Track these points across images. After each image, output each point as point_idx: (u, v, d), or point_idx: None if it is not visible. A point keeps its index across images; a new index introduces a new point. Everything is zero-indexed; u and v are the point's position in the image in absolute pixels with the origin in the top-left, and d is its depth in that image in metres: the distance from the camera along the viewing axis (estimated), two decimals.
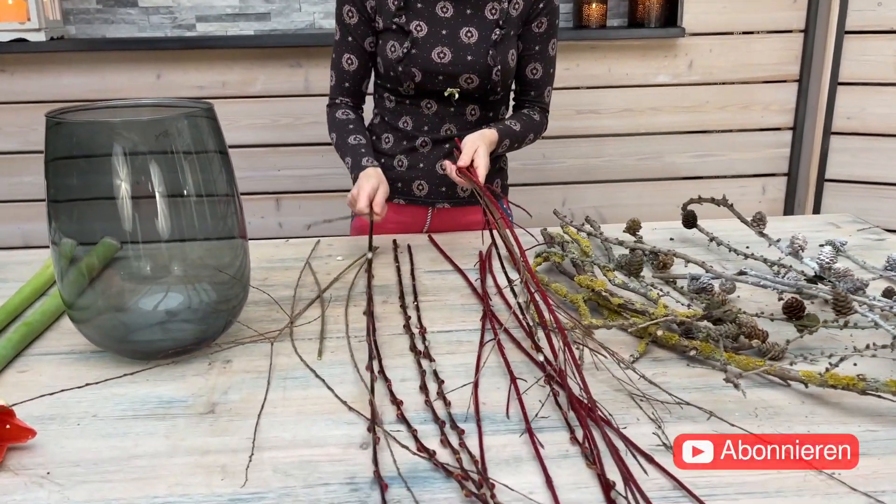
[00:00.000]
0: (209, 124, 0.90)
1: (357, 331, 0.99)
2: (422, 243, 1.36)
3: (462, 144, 1.22)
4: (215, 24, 2.21)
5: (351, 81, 1.40)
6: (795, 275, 1.00)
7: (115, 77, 2.14)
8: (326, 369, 0.88)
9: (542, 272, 1.18)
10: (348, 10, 1.34)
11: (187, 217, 0.87)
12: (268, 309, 1.06)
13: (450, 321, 1.01)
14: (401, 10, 1.31)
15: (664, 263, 1.16)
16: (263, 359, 0.91)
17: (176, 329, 0.92)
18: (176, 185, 0.85)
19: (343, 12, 1.34)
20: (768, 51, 2.35)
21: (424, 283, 1.16)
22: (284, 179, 2.31)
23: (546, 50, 1.38)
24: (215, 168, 0.91)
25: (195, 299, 0.92)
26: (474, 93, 1.34)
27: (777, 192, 2.49)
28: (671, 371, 0.86)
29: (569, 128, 2.36)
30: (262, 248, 1.34)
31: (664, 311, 0.90)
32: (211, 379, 0.86)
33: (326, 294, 1.12)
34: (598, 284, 1.00)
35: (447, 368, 0.88)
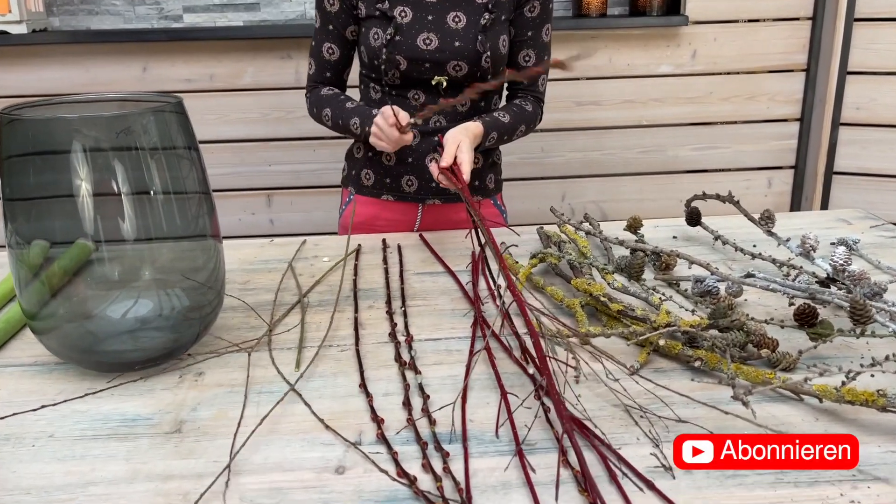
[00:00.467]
0: (178, 119, 0.83)
1: (340, 339, 0.93)
2: (412, 242, 1.30)
3: (444, 140, 1.15)
4: (203, 14, 2.14)
5: (332, 71, 1.34)
6: (807, 277, 0.94)
7: (99, 70, 2.07)
8: (305, 382, 0.82)
9: (538, 274, 1.12)
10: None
11: (154, 217, 0.81)
12: (246, 315, 1.01)
13: (439, 328, 0.95)
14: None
15: (667, 264, 1.10)
16: (239, 371, 0.85)
17: (146, 339, 0.86)
18: (142, 184, 0.80)
19: (324, 0, 1.28)
20: (775, 39, 2.28)
21: (413, 286, 1.10)
22: (276, 175, 2.24)
23: (539, 36, 1.32)
24: (184, 166, 0.85)
25: (166, 306, 0.86)
26: (463, 81, 1.28)
27: (784, 186, 2.42)
28: (674, 383, 0.80)
29: (568, 120, 2.29)
30: (246, 249, 1.28)
31: (666, 319, 0.84)
32: (180, 394, 0.81)
33: (310, 298, 1.06)
34: (595, 289, 0.94)
35: (434, 381, 0.82)
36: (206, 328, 0.90)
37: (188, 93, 2.15)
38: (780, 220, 1.37)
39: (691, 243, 1.27)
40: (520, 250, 1.22)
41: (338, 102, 1.30)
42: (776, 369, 0.81)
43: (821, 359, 0.84)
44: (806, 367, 0.82)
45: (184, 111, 0.84)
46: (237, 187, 2.25)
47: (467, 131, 1.17)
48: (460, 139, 1.14)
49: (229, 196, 2.25)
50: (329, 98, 1.32)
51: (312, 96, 1.35)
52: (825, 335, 0.82)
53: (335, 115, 1.30)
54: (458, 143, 1.13)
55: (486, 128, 1.23)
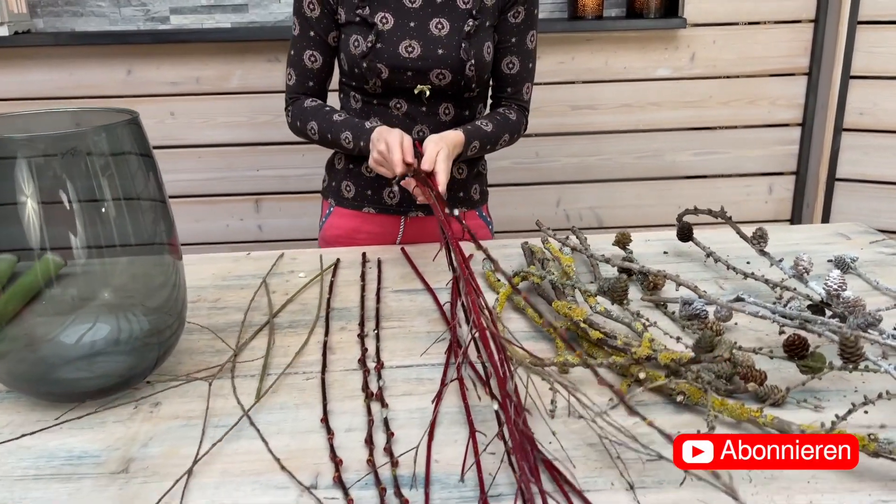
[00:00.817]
0: (132, 134, 0.79)
1: (307, 365, 0.89)
2: (394, 256, 1.25)
3: (423, 146, 1.11)
4: (190, 16, 2.10)
5: (315, 80, 1.29)
6: (798, 304, 0.89)
7: (83, 73, 2.03)
8: (265, 414, 0.78)
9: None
10: (309, 2, 1.22)
11: (106, 234, 0.77)
12: (212, 338, 0.96)
13: (412, 353, 0.91)
14: (364, 1, 1.20)
15: (654, 285, 1.05)
16: (198, 401, 0.81)
17: (101, 366, 0.82)
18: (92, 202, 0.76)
19: (303, 4, 1.23)
20: (776, 42, 2.22)
21: (390, 306, 1.05)
22: (264, 180, 2.20)
23: (524, 42, 1.27)
24: (139, 183, 0.80)
25: (124, 330, 0.82)
26: (447, 90, 1.23)
27: (784, 192, 2.37)
28: (657, 420, 0.75)
29: (564, 124, 2.24)
30: (221, 263, 1.23)
31: (647, 351, 0.79)
32: (133, 427, 0.77)
33: (281, 319, 1.02)
34: (576, 313, 0.89)
35: (402, 415, 0.77)
36: (166, 353, 0.86)
37: (174, 96, 2.11)
38: (776, 233, 1.32)
39: (683, 259, 1.22)
40: (504, 265, 1.18)
41: (324, 115, 1.24)
42: (764, 404, 0.76)
43: (812, 392, 0.79)
44: (796, 402, 0.77)
45: (139, 124, 0.80)
46: (224, 192, 2.20)
47: (446, 140, 1.12)
48: (439, 147, 1.09)
49: (216, 201, 2.21)
50: (314, 110, 1.26)
51: (294, 109, 1.29)
52: (816, 369, 0.78)
53: (323, 128, 1.24)
54: (437, 151, 1.08)
55: (468, 137, 1.19)
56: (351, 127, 1.20)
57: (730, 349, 0.81)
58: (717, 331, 0.91)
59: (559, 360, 0.83)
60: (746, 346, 0.84)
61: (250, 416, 0.77)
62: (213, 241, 2.23)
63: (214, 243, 2.24)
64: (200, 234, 2.25)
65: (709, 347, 0.82)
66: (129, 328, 0.82)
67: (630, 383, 0.81)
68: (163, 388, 0.84)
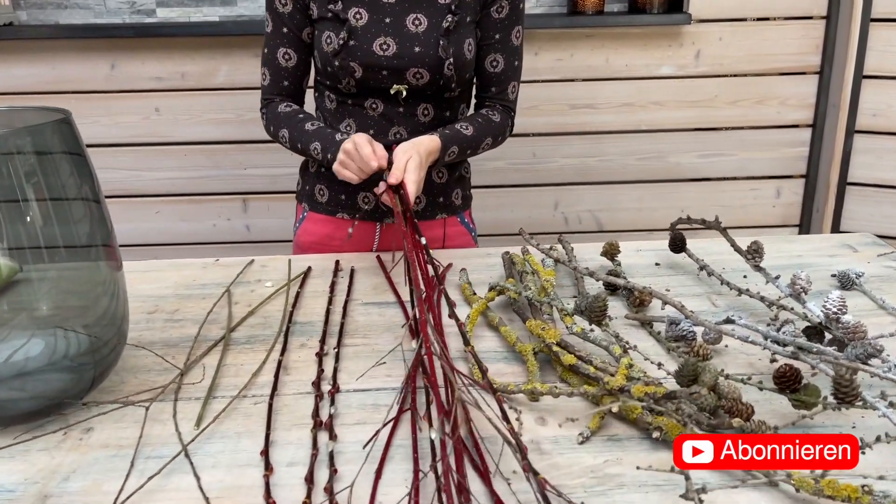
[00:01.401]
0: (62, 138, 0.73)
1: (259, 387, 0.82)
2: (369, 265, 1.18)
3: (394, 154, 1.04)
4: (177, 9, 2.04)
5: (290, 79, 1.22)
6: (793, 328, 0.81)
7: (65, 68, 1.98)
8: (204, 444, 0.72)
9: (497, 308, 1.01)
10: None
11: (34, 243, 0.71)
12: (163, 351, 0.90)
13: (371, 375, 0.84)
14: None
15: (640, 301, 0.98)
16: (134, 427, 0.75)
17: (33, 386, 0.76)
18: (15, 209, 0.70)
19: (275, 1, 1.17)
20: (785, 39, 2.13)
21: (357, 320, 0.99)
22: (252, 179, 2.14)
23: (508, 39, 1.19)
24: (70, 189, 0.74)
25: (59, 347, 0.76)
26: (426, 90, 1.16)
27: (793, 196, 2.27)
28: (629, 456, 0.69)
29: (562, 124, 2.16)
30: (186, 270, 1.17)
31: (622, 381, 0.72)
32: (58, 456, 0.70)
33: (239, 333, 0.95)
34: (550, 335, 0.82)
35: (350, 447, 0.71)
36: (105, 373, 0.80)
37: (159, 91, 2.05)
38: (778, 244, 1.25)
39: (675, 272, 1.14)
40: (486, 276, 1.11)
41: (296, 123, 1.18)
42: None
43: (805, 428, 0.71)
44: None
45: (71, 124, 0.74)
46: (211, 191, 2.14)
47: (419, 146, 1.05)
48: (410, 154, 1.02)
49: (203, 200, 2.15)
50: (286, 117, 1.19)
51: (269, 112, 1.23)
52: (809, 404, 0.70)
53: (293, 136, 1.18)
54: (407, 159, 1.01)
55: (445, 142, 1.11)
56: (320, 137, 1.14)
57: (715, 377, 0.74)
58: (703, 355, 0.83)
59: (527, 388, 0.76)
60: (734, 374, 0.76)
61: (187, 447, 0.71)
62: (199, 241, 2.18)
63: (201, 243, 2.18)
64: (186, 234, 2.19)
65: (692, 376, 0.75)
66: (64, 344, 0.76)
67: (603, 415, 0.74)
68: (97, 412, 0.77)
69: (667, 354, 0.88)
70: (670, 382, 0.78)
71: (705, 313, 0.97)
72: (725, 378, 0.75)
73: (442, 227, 1.29)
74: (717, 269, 1.06)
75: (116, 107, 2.06)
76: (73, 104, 1.99)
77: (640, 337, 0.92)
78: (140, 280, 1.12)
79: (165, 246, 2.21)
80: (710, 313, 0.98)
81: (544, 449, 0.70)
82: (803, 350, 0.76)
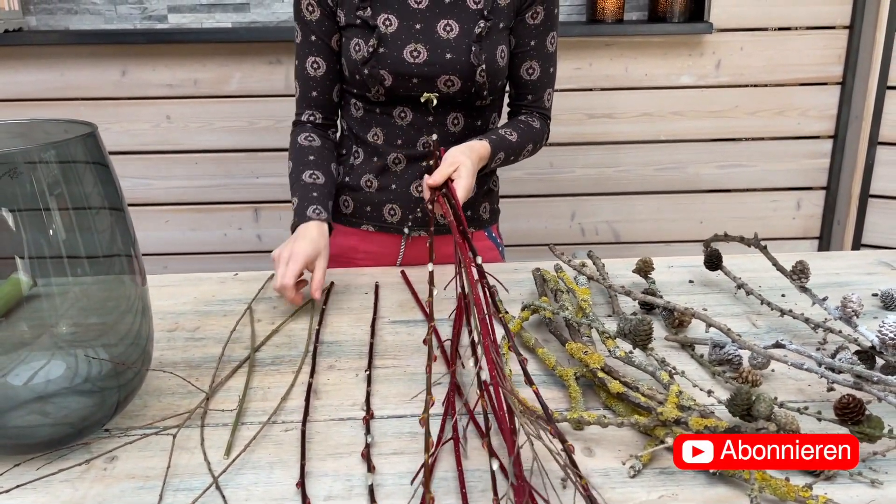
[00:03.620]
0: (86, 152, 0.69)
1: (288, 412, 0.79)
2: (393, 280, 1.15)
3: (443, 157, 1.00)
4: (189, 15, 2.01)
5: (319, 89, 1.18)
6: (849, 355, 0.77)
7: (75, 74, 1.94)
8: (234, 475, 0.68)
9: (531, 328, 0.97)
10: (308, 3, 1.13)
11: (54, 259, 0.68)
12: (186, 375, 0.86)
13: (405, 400, 0.81)
14: (365, 2, 1.10)
15: (680, 322, 0.94)
16: (160, 455, 0.71)
17: (54, 411, 0.72)
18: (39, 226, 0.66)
19: (302, 7, 1.14)
20: (807, 49, 2.10)
21: (385, 340, 0.95)
22: (264, 188, 2.10)
23: (543, 45, 1.16)
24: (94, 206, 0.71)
25: (81, 370, 0.73)
26: (457, 98, 1.13)
27: (814, 208, 2.24)
28: (685, 492, 0.65)
29: (580, 133, 2.13)
30: (204, 286, 1.14)
31: (675, 412, 0.68)
32: (81, 488, 0.67)
33: (264, 354, 0.92)
34: (593, 360, 0.79)
35: (389, 480, 0.67)
36: (129, 396, 0.76)
37: (170, 98, 2.02)
38: (814, 260, 1.20)
39: (711, 290, 1.11)
40: (514, 293, 1.07)
41: (301, 163, 1.15)
42: (816, 479, 0.65)
43: (870, 462, 0.68)
44: (849, 475, 0.66)
45: (96, 141, 0.70)
46: (222, 200, 2.11)
47: (472, 152, 1.02)
48: (461, 161, 0.98)
49: (214, 210, 2.11)
50: (299, 151, 1.17)
51: (292, 137, 1.21)
52: (873, 437, 0.66)
53: (291, 176, 1.17)
54: (457, 166, 0.98)
55: (494, 147, 1.08)
56: (302, 196, 1.12)
57: (770, 407, 0.70)
58: (753, 381, 0.80)
59: (573, 417, 0.72)
60: (789, 402, 0.73)
61: (218, 479, 0.67)
62: (209, 250, 2.14)
63: (211, 253, 2.14)
64: (196, 243, 2.15)
65: (745, 405, 0.71)
66: (86, 366, 0.73)
67: (655, 445, 0.70)
68: (121, 441, 0.74)
69: (711, 379, 0.84)
70: (720, 410, 0.74)
71: (746, 335, 0.93)
72: (780, 406, 0.72)
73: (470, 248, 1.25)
74: (752, 286, 1.03)
75: (127, 114, 2.02)
76: (83, 111, 1.97)
77: (681, 360, 0.88)
78: (156, 295, 1.08)
79: (175, 255, 2.17)
80: (751, 335, 0.95)
81: (594, 482, 0.66)
82: (863, 379, 0.72)
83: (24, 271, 0.68)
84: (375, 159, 1.19)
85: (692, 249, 2.20)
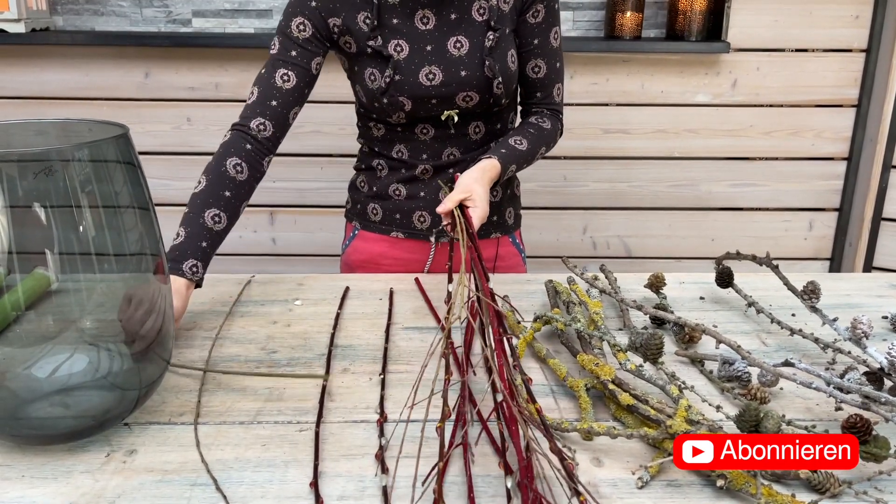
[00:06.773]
0: (118, 152, 0.72)
1: (302, 413, 0.80)
2: (407, 287, 1.16)
3: (457, 183, 1.02)
4: (213, 20, 2.04)
5: (280, 101, 1.09)
6: (858, 376, 0.78)
7: (99, 75, 1.98)
8: (251, 472, 0.70)
9: (543, 338, 0.98)
10: (300, 22, 1.10)
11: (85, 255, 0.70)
12: (205, 373, 0.88)
13: (419, 405, 0.82)
14: (375, 31, 1.11)
15: (690, 337, 0.95)
16: (179, 450, 0.73)
17: (76, 403, 0.74)
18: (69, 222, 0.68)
19: (292, 25, 1.10)
20: (824, 71, 2.11)
21: (399, 346, 0.97)
22: (279, 192, 2.13)
23: (547, 42, 1.17)
24: (123, 206, 0.73)
25: (103, 364, 0.75)
26: (476, 109, 1.15)
27: (825, 230, 2.24)
28: (691, 503, 0.66)
29: (594, 148, 2.14)
30: (221, 287, 1.16)
31: (683, 422, 0.69)
32: (102, 479, 0.68)
33: (280, 356, 0.93)
34: (604, 372, 0.80)
35: (401, 482, 0.68)
36: (150, 391, 0.78)
37: (192, 101, 2.05)
38: (825, 281, 1.21)
39: (721, 307, 1.12)
40: (527, 303, 1.09)
41: (210, 193, 1.04)
42: (822, 496, 0.66)
43: (875, 481, 0.68)
44: (854, 494, 0.67)
45: (128, 142, 0.72)
46: None
47: (484, 175, 1.05)
48: (473, 189, 1.01)
49: None
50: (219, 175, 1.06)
51: (226, 144, 1.08)
52: (879, 457, 0.67)
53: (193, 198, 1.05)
54: (469, 194, 1.00)
55: (504, 163, 1.10)
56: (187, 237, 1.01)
57: (778, 424, 0.71)
58: (761, 398, 0.81)
59: (583, 427, 0.73)
60: (796, 420, 0.74)
61: (235, 475, 0.68)
62: (225, 252, 2.16)
63: (226, 255, 2.17)
64: None
65: (753, 421, 0.72)
66: (108, 361, 0.75)
67: (664, 457, 0.71)
68: (140, 434, 0.75)
69: (720, 395, 0.85)
70: (728, 426, 0.75)
71: (756, 353, 0.94)
72: (787, 424, 0.73)
73: (495, 246, 1.27)
74: (763, 305, 1.04)
75: (148, 115, 2.06)
76: (106, 111, 2.00)
77: (690, 375, 0.90)
78: None
79: None
80: (761, 353, 0.96)
81: (603, 492, 0.67)
82: (871, 399, 0.73)
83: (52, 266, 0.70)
84: (403, 171, 1.21)
85: (703, 266, 2.21)
